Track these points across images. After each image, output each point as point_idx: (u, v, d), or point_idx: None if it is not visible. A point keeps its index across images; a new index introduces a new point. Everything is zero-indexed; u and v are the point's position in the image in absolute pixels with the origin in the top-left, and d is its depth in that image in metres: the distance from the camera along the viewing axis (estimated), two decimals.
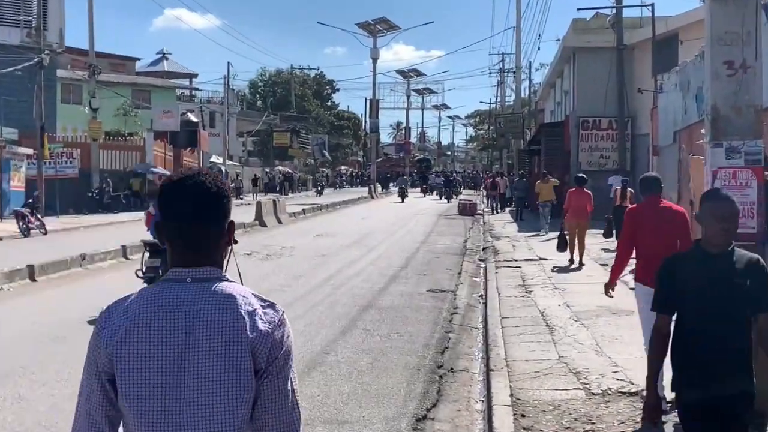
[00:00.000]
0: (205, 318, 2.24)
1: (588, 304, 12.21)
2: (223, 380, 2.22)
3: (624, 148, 28.10)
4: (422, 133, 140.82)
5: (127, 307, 2.30)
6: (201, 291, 2.29)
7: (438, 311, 12.45)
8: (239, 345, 2.23)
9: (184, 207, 2.33)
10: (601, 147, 32.15)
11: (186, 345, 2.22)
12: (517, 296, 13.43)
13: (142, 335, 2.23)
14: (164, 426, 2.20)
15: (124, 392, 2.23)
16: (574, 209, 17.65)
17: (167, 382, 2.21)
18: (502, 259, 18.85)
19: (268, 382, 2.27)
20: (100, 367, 2.26)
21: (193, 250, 2.34)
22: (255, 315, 2.29)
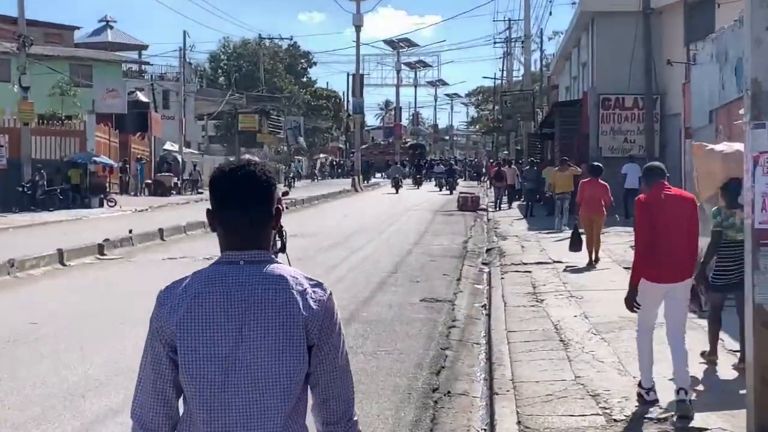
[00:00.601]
0: (260, 298, 2.82)
1: (609, 314, 12.24)
2: (278, 356, 2.78)
3: (652, 130, 28.19)
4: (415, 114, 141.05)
5: (186, 287, 2.88)
6: (254, 273, 2.86)
7: (433, 324, 12.45)
8: (293, 323, 2.80)
9: (237, 196, 2.90)
10: (625, 129, 32.25)
11: (243, 322, 2.79)
12: (526, 306, 13.45)
13: (202, 313, 2.80)
14: (221, 398, 2.77)
15: (185, 365, 2.79)
16: (588, 202, 18.10)
17: (225, 356, 2.77)
18: (509, 263, 18.88)
19: (323, 357, 2.86)
20: (164, 339, 2.85)
21: (244, 235, 2.91)
22: (306, 294, 2.86)
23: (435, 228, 29.05)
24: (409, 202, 43.53)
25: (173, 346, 2.84)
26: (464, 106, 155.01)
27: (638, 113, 31.52)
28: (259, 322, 2.80)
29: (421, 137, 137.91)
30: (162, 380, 2.87)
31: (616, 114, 32.39)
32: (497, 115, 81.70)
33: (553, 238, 23.19)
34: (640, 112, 31.16)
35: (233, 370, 2.78)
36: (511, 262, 18.93)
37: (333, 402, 2.93)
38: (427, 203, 43.38)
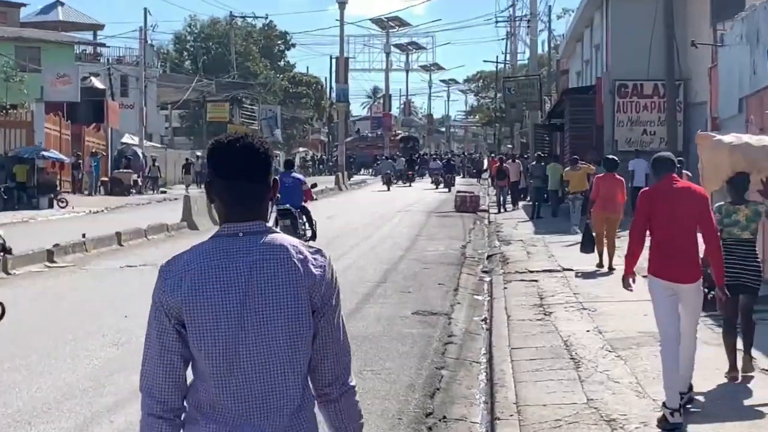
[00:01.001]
0: (262, 267, 3.28)
1: (626, 328, 12.24)
2: (286, 321, 3.27)
3: (674, 120, 28.24)
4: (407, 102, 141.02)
5: (187, 261, 3.32)
6: (254, 243, 3.32)
7: (427, 341, 12.44)
8: (298, 289, 3.29)
9: (235, 167, 3.33)
10: (644, 120, 32.29)
11: (246, 291, 3.25)
12: (532, 320, 13.46)
13: (207, 284, 3.25)
14: (231, 363, 3.23)
15: (194, 335, 3.26)
16: (603, 199, 18.36)
17: (232, 324, 3.24)
18: (513, 271, 18.89)
19: (324, 320, 3.36)
20: (170, 313, 3.30)
21: (242, 206, 3.36)
22: (307, 262, 3.33)
23: (429, 231, 29.04)
24: (400, 201, 43.52)
25: (180, 319, 3.29)
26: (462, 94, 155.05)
27: (659, 102, 31.57)
28: (264, 290, 3.27)
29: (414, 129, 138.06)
30: (169, 352, 3.32)
31: (633, 102, 32.41)
32: (499, 104, 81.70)
33: (563, 243, 23.21)
34: (660, 100, 31.20)
35: (242, 339, 3.25)
36: (515, 270, 18.93)
37: (329, 362, 3.40)
38: (420, 203, 43.36)
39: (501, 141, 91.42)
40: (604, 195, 18.44)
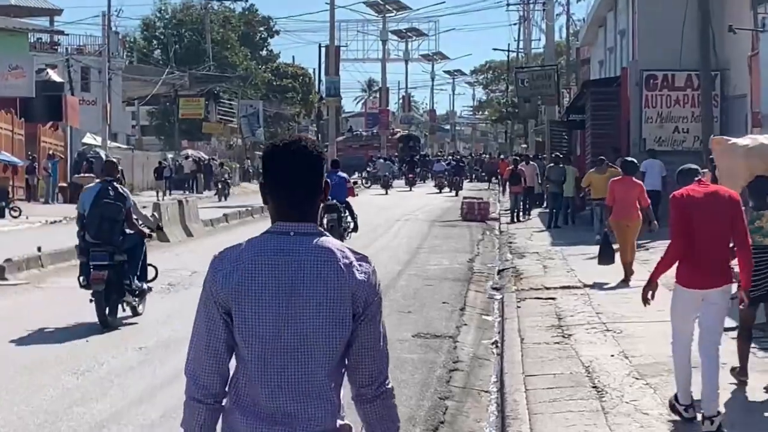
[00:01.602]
0: (309, 267, 3.89)
1: (656, 352, 12.22)
2: (325, 321, 3.87)
3: (710, 116, 28.31)
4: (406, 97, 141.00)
5: (240, 254, 3.96)
6: (304, 243, 3.93)
7: (429, 367, 12.44)
8: (341, 292, 3.89)
9: (289, 170, 3.97)
10: (675, 115, 32.30)
11: (292, 288, 3.87)
12: (549, 343, 13.46)
13: (257, 278, 3.88)
14: (274, 357, 3.86)
15: (240, 326, 3.89)
16: (621, 205, 18.63)
17: (277, 319, 3.86)
18: (528, 287, 18.89)
19: (365, 325, 3.96)
20: (219, 303, 3.92)
21: (294, 207, 3.98)
22: (352, 267, 3.93)
23: (432, 243, 29.04)
24: (399, 208, 43.53)
25: (228, 309, 3.91)
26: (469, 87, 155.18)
27: (692, 95, 31.59)
28: (309, 289, 3.87)
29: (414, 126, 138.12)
30: (216, 339, 3.96)
31: (664, 96, 32.41)
32: (511, 98, 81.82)
33: (584, 255, 23.20)
34: (694, 93, 31.23)
35: (284, 333, 3.86)
36: (529, 287, 18.93)
37: (367, 365, 4.00)
38: (422, 210, 43.38)
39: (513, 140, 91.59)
40: (621, 201, 18.69)
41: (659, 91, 32.39)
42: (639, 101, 32.41)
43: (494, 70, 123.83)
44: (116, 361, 12.76)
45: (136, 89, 73.39)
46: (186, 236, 30.72)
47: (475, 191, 56.67)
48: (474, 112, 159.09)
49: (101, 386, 11.34)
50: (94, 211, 15.14)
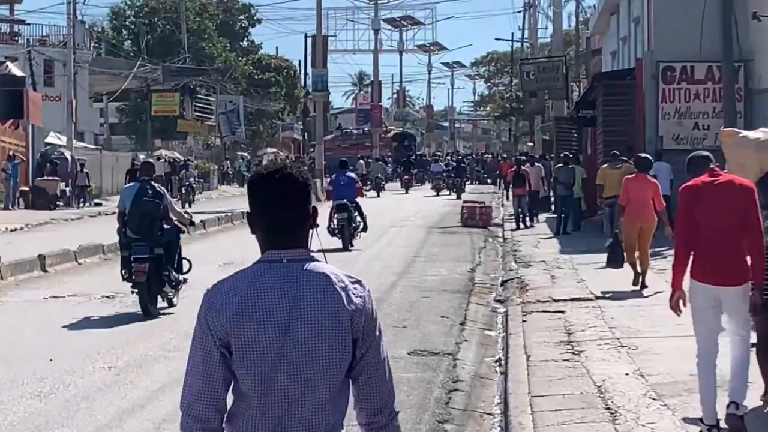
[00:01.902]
0: (306, 294, 4.20)
1: (675, 371, 12.22)
2: (326, 347, 4.18)
3: (733, 111, 28.30)
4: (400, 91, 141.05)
5: (234, 286, 4.27)
6: (297, 270, 4.24)
7: (427, 387, 12.44)
8: (339, 316, 4.20)
9: (276, 198, 4.27)
10: (695, 110, 32.33)
11: (290, 317, 4.17)
12: (558, 360, 13.44)
13: (252, 312, 4.17)
14: (273, 384, 4.16)
15: (240, 356, 4.18)
16: (635, 205, 18.82)
17: (276, 347, 4.15)
18: (534, 299, 18.88)
19: (368, 350, 4.29)
20: (216, 334, 4.21)
21: (284, 235, 4.29)
22: (348, 290, 4.24)
23: (430, 251, 29.03)
24: (393, 213, 43.52)
25: (225, 342, 4.20)
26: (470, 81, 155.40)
27: (714, 88, 31.61)
28: (307, 316, 4.18)
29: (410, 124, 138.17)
30: (212, 374, 4.23)
31: (682, 89, 32.46)
32: (516, 93, 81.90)
33: (595, 264, 23.20)
34: (716, 86, 31.24)
35: (284, 362, 4.16)
36: (536, 299, 18.91)
37: (375, 393, 4.34)
38: (418, 215, 43.38)
39: (518, 138, 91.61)
40: (635, 200, 18.87)
41: (677, 84, 32.42)
42: (655, 96, 32.43)
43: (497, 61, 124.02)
44: (83, 382, 12.72)
45: (104, 84, 73.28)
46: None
47: (476, 194, 56.65)
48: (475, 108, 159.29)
49: (66, 410, 11.32)
50: (135, 209, 17.82)
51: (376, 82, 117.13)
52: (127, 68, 73.04)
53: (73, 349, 14.75)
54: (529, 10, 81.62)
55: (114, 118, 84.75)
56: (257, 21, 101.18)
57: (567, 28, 72.82)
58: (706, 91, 32.15)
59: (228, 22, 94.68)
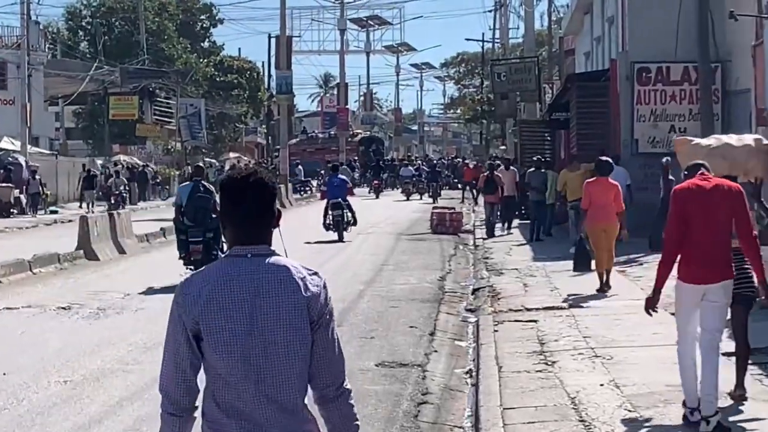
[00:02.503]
0: (268, 284, 4.85)
1: (651, 381, 12.27)
2: (289, 328, 4.82)
3: (710, 113, 28.46)
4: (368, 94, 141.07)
5: (205, 277, 4.93)
6: (260, 264, 4.89)
7: (395, 400, 12.43)
8: (298, 302, 4.85)
9: (246, 199, 4.90)
10: (671, 113, 32.45)
11: (254, 305, 4.82)
12: (530, 371, 13.47)
13: (221, 299, 4.82)
14: (244, 365, 4.78)
15: (211, 342, 4.82)
16: (597, 208, 19.78)
17: (243, 332, 4.79)
18: (506, 308, 18.92)
19: (320, 334, 4.92)
20: (187, 325, 4.85)
21: (250, 235, 4.93)
22: (305, 280, 4.89)
23: (398, 259, 29.04)
24: (362, 219, 43.43)
25: (195, 330, 4.83)
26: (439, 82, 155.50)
27: (690, 90, 31.74)
28: (271, 303, 4.82)
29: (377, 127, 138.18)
30: (183, 361, 4.88)
31: (658, 91, 32.57)
32: (487, 95, 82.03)
33: (569, 272, 23.29)
34: (692, 88, 31.39)
35: (251, 343, 4.78)
36: (508, 308, 18.94)
37: (326, 369, 4.96)
38: (387, 222, 43.41)
39: (490, 142, 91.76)
40: (597, 203, 19.84)
41: (653, 85, 32.54)
42: (630, 97, 32.52)
43: (467, 63, 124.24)
44: (38, 396, 12.67)
45: (59, 87, 73.07)
46: (118, 254, 30.59)
47: (447, 199, 56.85)
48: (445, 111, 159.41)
49: (21, 426, 11.27)
50: (190, 203, 23.52)
51: (342, 85, 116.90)
52: (83, 70, 72.87)
53: (28, 363, 14.69)
54: (501, 9, 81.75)
55: (70, 123, 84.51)
56: (219, 21, 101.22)
57: (539, 28, 73.01)
58: (682, 93, 32.27)
59: (188, 23, 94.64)
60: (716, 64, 30.25)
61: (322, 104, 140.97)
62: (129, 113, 76.71)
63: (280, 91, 71.59)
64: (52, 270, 26.61)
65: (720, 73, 30.98)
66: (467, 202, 56.71)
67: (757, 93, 25.80)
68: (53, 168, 60.40)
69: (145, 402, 12.18)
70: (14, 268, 25.59)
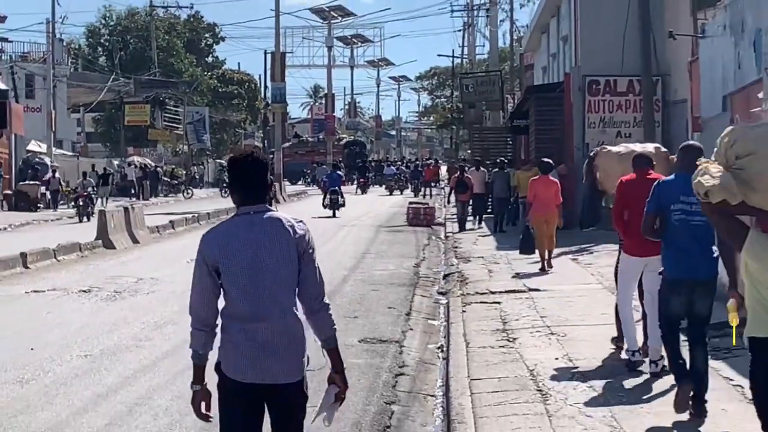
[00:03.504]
0: (267, 230, 5.93)
1: (600, 355, 12.30)
2: (285, 260, 5.92)
3: (652, 121, 28.50)
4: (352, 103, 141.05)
5: (220, 229, 6.07)
6: (260, 217, 5.97)
7: (375, 372, 12.42)
8: (290, 241, 5.94)
9: (248, 172, 6.01)
10: (618, 120, 32.50)
11: (257, 245, 5.90)
12: (494, 347, 13.46)
13: (233, 242, 5.91)
14: (252, 288, 5.87)
15: (226, 273, 5.90)
16: (540, 202, 21.14)
17: (250, 264, 5.88)
18: (473, 291, 18.91)
19: (305, 263, 6.00)
20: (208, 263, 5.92)
21: (250, 196, 6.00)
22: (294, 227, 5.98)
23: (379, 248, 29.03)
24: (345, 214, 43.50)
25: (215, 266, 5.93)
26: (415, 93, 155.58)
27: (634, 100, 31.81)
28: (269, 243, 5.93)
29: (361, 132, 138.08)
30: (206, 289, 5.99)
31: (606, 101, 32.62)
32: (456, 104, 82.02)
33: (528, 260, 23.30)
34: (636, 98, 31.45)
35: (257, 273, 5.91)
36: (475, 291, 18.94)
37: (311, 287, 6.06)
38: (369, 216, 43.39)
39: (459, 145, 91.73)
40: (540, 197, 21.18)
41: (602, 96, 32.59)
42: (582, 106, 32.58)
43: (439, 76, 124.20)
44: (61, 369, 12.63)
45: (81, 96, 72.89)
46: (132, 243, 30.52)
47: (420, 196, 56.92)
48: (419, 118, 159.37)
49: (46, 395, 11.23)
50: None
51: (329, 95, 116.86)
52: (102, 82, 72.76)
53: (52, 339, 14.64)
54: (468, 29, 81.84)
55: (90, 128, 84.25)
56: (221, 39, 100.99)
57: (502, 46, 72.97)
58: (627, 103, 32.35)
59: (194, 40, 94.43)
60: (657, 78, 30.30)
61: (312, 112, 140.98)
62: (142, 119, 76.58)
63: (274, 100, 71.45)
64: (74, 257, 26.54)
65: (661, 85, 31.06)
66: (427, 199, 56.66)
67: (693, 103, 25.84)
68: (75, 167, 60.15)
69: (156, 374, 12.17)
70: (40, 256, 25.51)
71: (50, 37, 62.12)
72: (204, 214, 41.88)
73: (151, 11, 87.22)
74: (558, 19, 40.98)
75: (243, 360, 5.90)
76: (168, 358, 13.23)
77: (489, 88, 57.27)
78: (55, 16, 63.37)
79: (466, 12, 79.63)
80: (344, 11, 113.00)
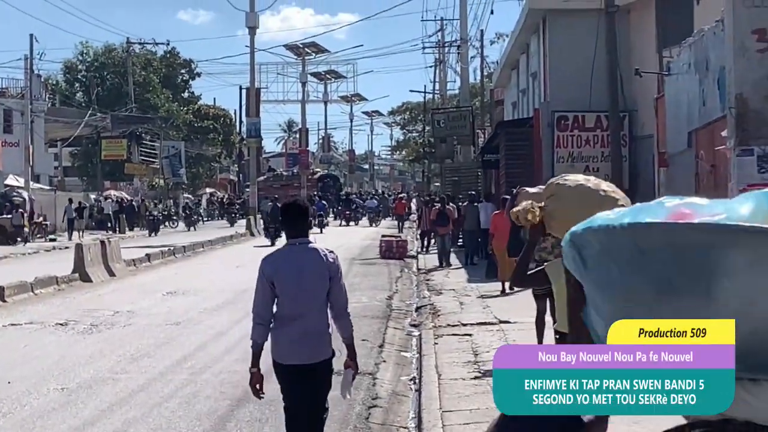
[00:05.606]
0: (308, 258, 8.04)
1: None
2: (319, 280, 8.03)
3: (619, 156, 28.60)
4: (325, 137, 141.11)
5: (275, 254, 8.23)
6: (303, 248, 8.07)
7: (349, 404, 12.35)
8: (323, 266, 8.04)
9: (295, 215, 8.15)
10: (586, 155, 32.60)
11: (301, 268, 8.00)
12: (465, 379, 13.45)
13: (284, 264, 8.05)
14: (296, 298, 8.00)
15: (279, 286, 7.97)
16: (501, 233, 21.66)
17: (294, 282, 7.97)
18: (445, 323, 18.91)
19: (334, 283, 8.09)
20: (267, 278, 7.96)
21: (297, 232, 8.11)
22: (327, 255, 8.06)
23: (351, 281, 28.92)
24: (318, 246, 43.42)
25: (271, 281, 7.85)
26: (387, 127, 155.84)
27: (602, 135, 31.92)
28: (309, 268, 7.89)
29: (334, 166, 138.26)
30: (266, 296, 7.91)
31: (574, 136, 32.72)
32: (428, 138, 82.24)
33: (498, 291, 23.36)
34: (604, 133, 31.56)
35: (299, 289, 7.87)
36: (446, 323, 18.94)
37: (337, 300, 8.04)
38: (340, 249, 43.30)
39: (430, 179, 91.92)
40: (500, 229, 21.85)
41: (570, 131, 32.69)
42: (551, 141, 32.67)
43: (411, 111, 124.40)
44: (38, 402, 12.56)
45: (58, 131, 72.69)
46: (109, 276, 30.39)
47: (393, 229, 56.91)
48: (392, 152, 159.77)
49: (22, 428, 11.16)
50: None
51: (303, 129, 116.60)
52: (79, 117, 72.58)
53: (29, 372, 14.56)
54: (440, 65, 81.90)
55: (67, 162, 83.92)
56: (197, 74, 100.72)
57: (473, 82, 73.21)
58: (595, 138, 32.46)
59: (170, 76, 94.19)
60: (624, 113, 30.46)
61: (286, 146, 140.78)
62: (119, 154, 76.42)
63: (249, 135, 71.32)
64: (51, 291, 26.40)
65: (628, 121, 31.22)
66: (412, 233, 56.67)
67: (659, 138, 26.01)
68: (52, 201, 59.89)
69: (132, 407, 12.11)
70: (18, 289, 25.37)
71: (28, 73, 62.04)
72: (180, 247, 41.74)
73: (128, 47, 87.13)
74: (527, 56, 41.20)
75: (290, 347, 7.90)
76: (144, 391, 13.18)
77: (460, 123, 57.52)
78: (33, 52, 63.31)
79: (438, 49, 79.77)
80: (318, 48, 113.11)
